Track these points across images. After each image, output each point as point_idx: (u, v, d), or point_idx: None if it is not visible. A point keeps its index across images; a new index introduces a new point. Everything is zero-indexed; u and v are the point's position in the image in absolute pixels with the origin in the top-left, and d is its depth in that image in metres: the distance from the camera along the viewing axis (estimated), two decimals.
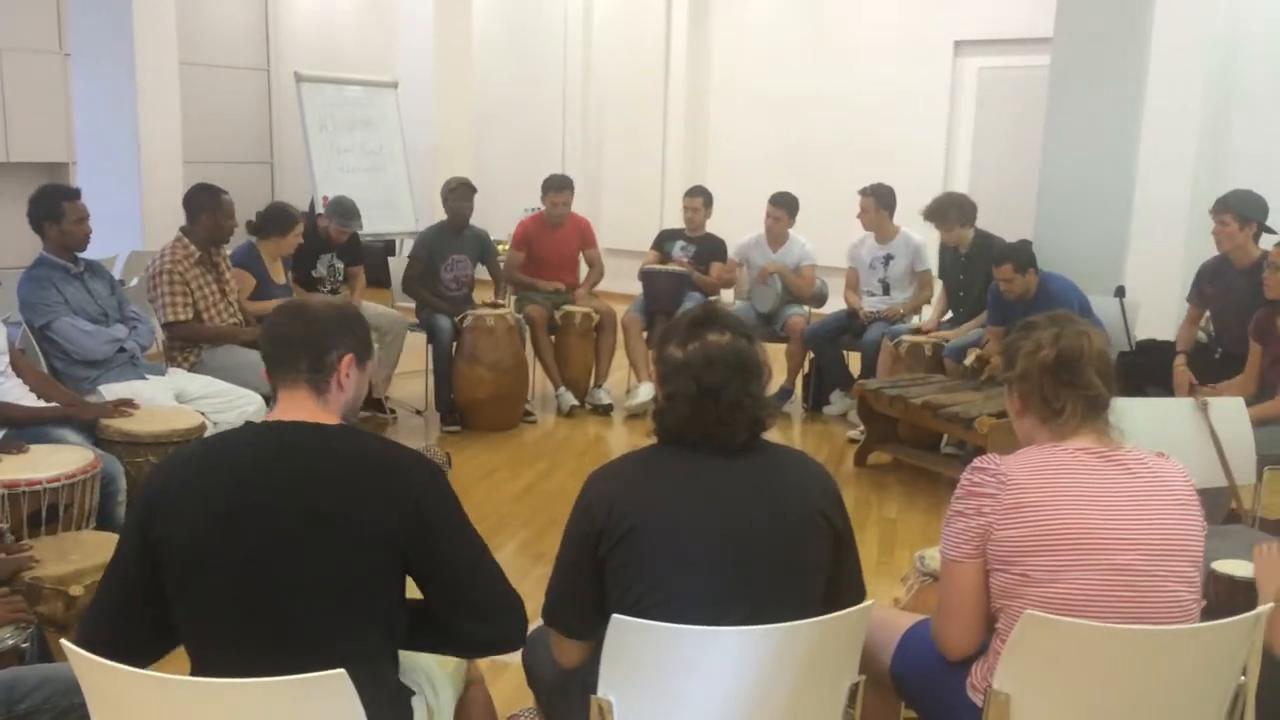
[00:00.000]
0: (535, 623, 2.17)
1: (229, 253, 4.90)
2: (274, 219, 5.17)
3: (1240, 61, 6.34)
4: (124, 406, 3.71)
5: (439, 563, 1.79)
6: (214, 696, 1.57)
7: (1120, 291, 5.18)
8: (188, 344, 4.54)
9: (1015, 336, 2.06)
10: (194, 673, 1.75)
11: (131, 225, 7.36)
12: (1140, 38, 5.50)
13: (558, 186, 6.22)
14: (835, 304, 6.40)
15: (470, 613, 1.84)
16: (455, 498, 1.85)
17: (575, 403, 6.18)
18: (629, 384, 6.47)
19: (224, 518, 1.71)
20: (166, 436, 3.59)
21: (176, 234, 4.58)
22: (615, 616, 1.69)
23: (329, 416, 1.85)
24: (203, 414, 3.91)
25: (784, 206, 6.28)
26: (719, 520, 1.84)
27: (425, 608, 1.84)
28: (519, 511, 4.64)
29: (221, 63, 10.69)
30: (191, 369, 4.46)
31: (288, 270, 5.33)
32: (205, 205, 4.56)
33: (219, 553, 1.70)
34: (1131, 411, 3.19)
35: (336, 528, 1.70)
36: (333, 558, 1.69)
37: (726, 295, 6.69)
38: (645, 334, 6.30)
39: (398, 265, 6.60)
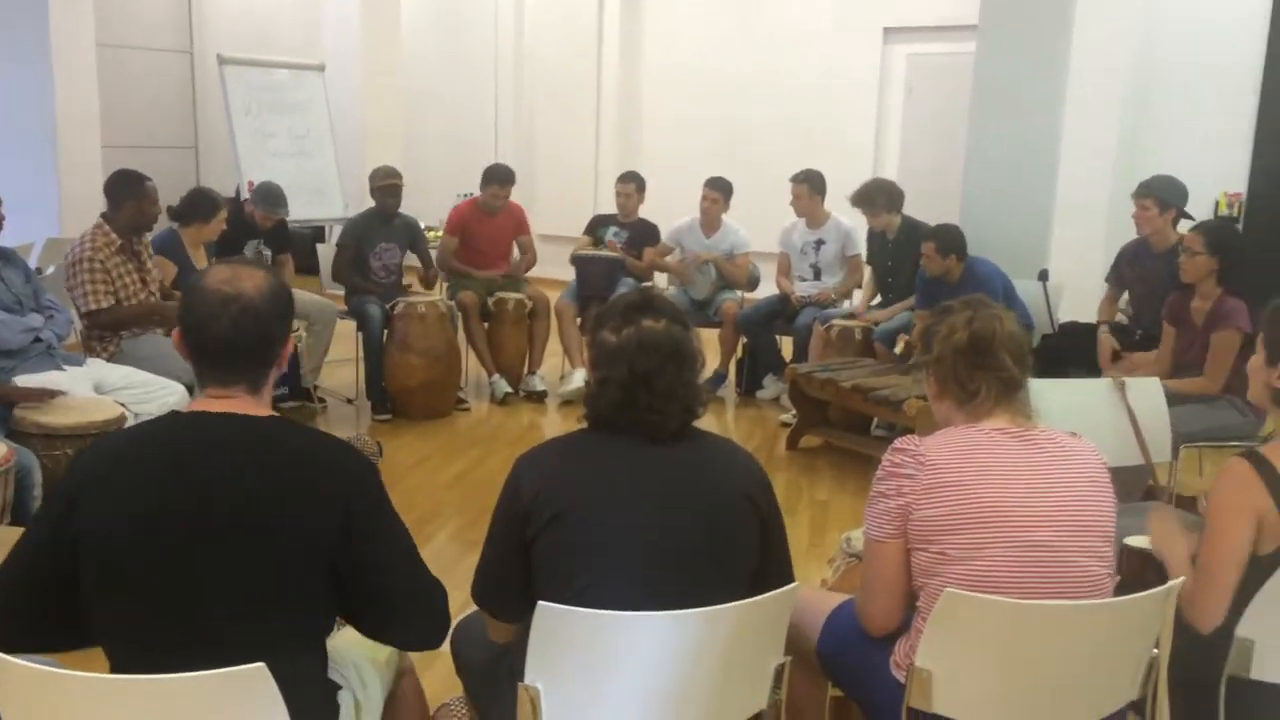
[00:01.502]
0: (466, 610, 2.16)
1: (149, 239, 4.78)
2: (197, 205, 5.06)
3: (1160, 50, 6.48)
4: (48, 396, 3.60)
5: (365, 564, 1.73)
6: (131, 693, 1.54)
7: (1043, 275, 5.28)
8: (110, 331, 4.42)
9: (932, 321, 2.12)
10: (112, 671, 1.71)
11: (48, 212, 7.15)
12: (1063, 25, 5.60)
13: (500, 180, 6.17)
14: (767, 289, 6.44)
15: (394, 612, 1.79)
16: (386, 497, 1.79)
17: (509, 390, 6.15)
18: (563, 370, 6.45)
19: (147, 513, 1.65)
20: (84, 428, 3.50)
21: (97, 220, 4.46)
22: (541, 604, 1.68)
23: (261, 407, 1.79)
24: (123, 405, 3.81)
25: (719, 189, 6.30)
26: (646, 506, 1.84)
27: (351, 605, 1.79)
28: (451, 499, 4.61)
29: (142, 45, 10.41)
30: (111, 359, 4.35)
31: (211, 257, 5.22)
32: (129, 192, 4.44)
33: (141, 548, 1.64)
34: (1051, 392, 3.26)
35: (263, 525, 1.65)
36: (258, 555, 1.65)
37: (660, 280, 6.69)
38: (579, 320, 6.29)
39: (327, 252, 6.50)
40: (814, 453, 5.37)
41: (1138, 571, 2.28)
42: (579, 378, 6.10)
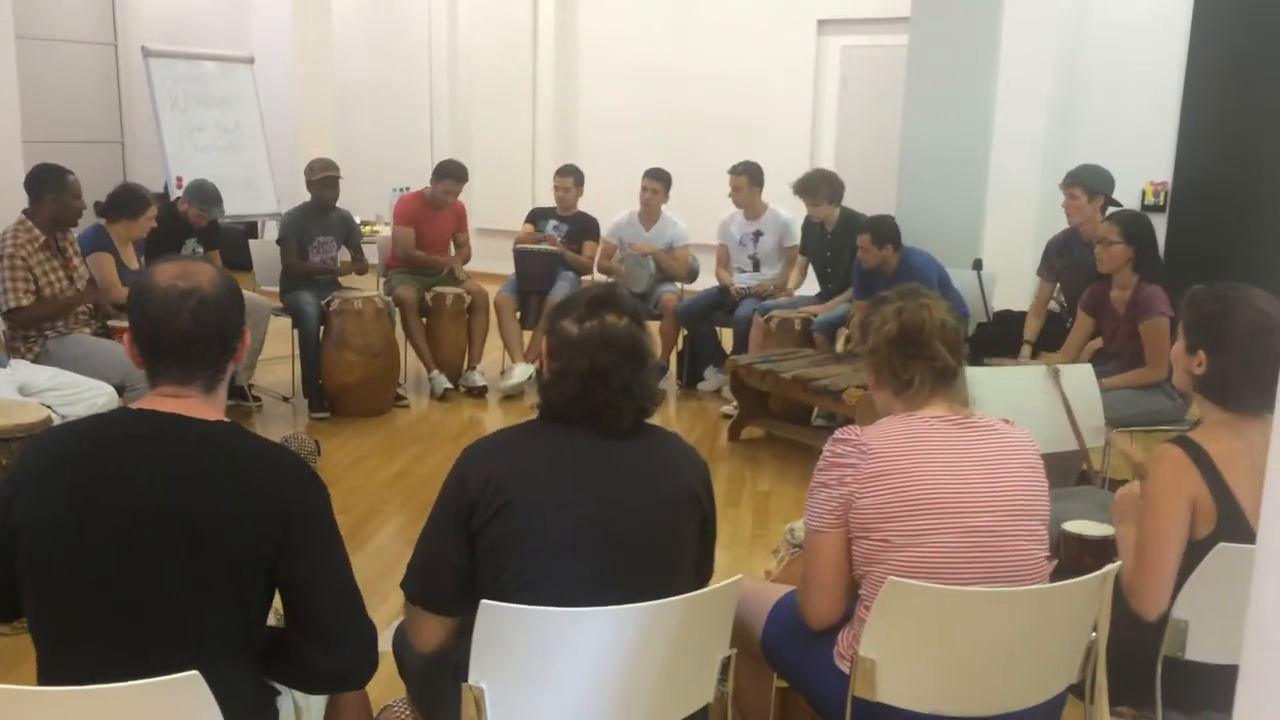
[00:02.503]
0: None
1: (75, 236, 4.65)
2: (124, 201, 4.93)
3: (1085, 42, 6.62)
4: None
5: (298, 582, 1.69)
6: (63, 705, 1.49)
7: (977, 264, 5.36)
8: (33, 329, 4.29)
9: (867, 313, 2.14)
10: (42, 678, 1.66)
11: None
12: (993, 19, 5.68)
13: (455, 176, 6.11)
14: (707, 280, 6.45)
15: (318, 638, 1.71)
16: (331, 518, 1.75)
17: (449, 385, 6.09)
18: (503, 365, 6.41)
19: (80, 509, 1.61)
20: (9, 432, 3.39)
21: (19, 217, 4.34)
22: (484, 602, 1.66)
23: (213, 409, 1.75)
24: (49, 407, 3.70)
25: (659, 180, 6.30)
26: (595, 500, 1.84)
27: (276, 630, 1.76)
28: (392, 498, 4.55)
29: (64, 37, 10.14)
30: (36, 360, 4.22)
31: (140, 256, 5.10)
32: (50, 186, 4.33)
33: (74, 546, 1.61)
34: (988, 380, 3.30)
35: (198, 531, 1.61)
36: (194, 561, 1.61)
37: (598, 276, 6.67)
38: (518, 314, 6.25)
39: (259, 247, 6.38)
40: (756, 444, 5.39)
41: (1075, 557, 2.32)
42: (519, 372, 6.07)
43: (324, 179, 5.82)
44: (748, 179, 6.06)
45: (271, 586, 1.69)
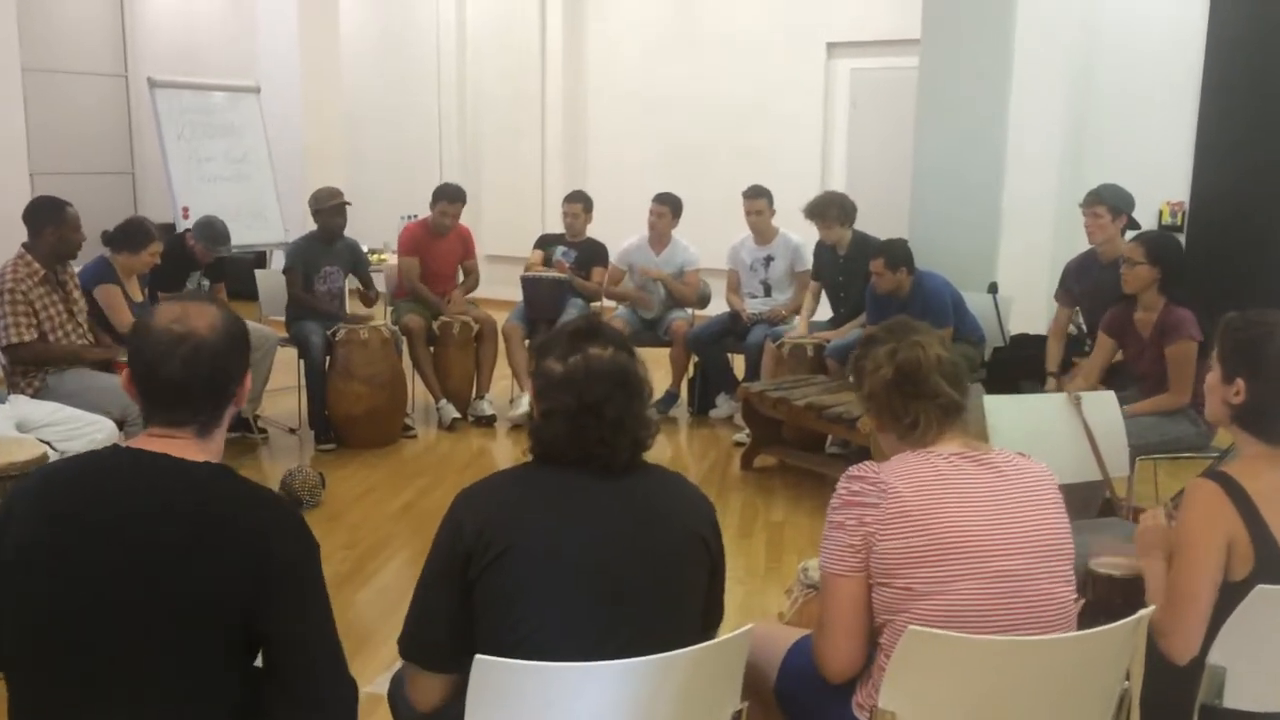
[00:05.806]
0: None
1: (78, 270, 4.61)
2: (129, 235, 4.87)
3: (1098, 62, 6.54)
4: None
5: (277, 634, 1.60)
6: None
7: (993, 288, 5.27)
8: (32, 367, 4.25)
9: (858, 354, 2.04)
10: None
11: None
12: (1004, 39, 5.62)
13: (451, 198, 6.06)
14: (718, 306, 6.38)
15: (297, 698, 1.63)
16: (316, 568, 1.66)
17: (457, 415, 6.02)
18: (512, 394, 6.34)
19: (57, 557, 1.54)
20: (3, 470, 3.32)
21: (19, 250, 4.29)
22: (479, 657, 1.57)
23: (204, 451, 1.68)
24: (47, 443, 3.64)
25: (668, 204, 6.24)
26: (595, 545, 1.74)
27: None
28: (399, 531, 4.47)
29: (73, 68, 10.19)
30: (35, 395, 4.16)
31: (144, 288, 5.05)
32: (49, 220, 4.28)
33: (49, 593, 1.54)
34: (1007, 409, 3.21)
35: (174, 578, 1.53)
36: (169, 609, 1.53)
37: (607, 301, 6.60)
38: (527, 342, 6.18)
39: (266, 277, 6.34)
40: (769, 472, 5.29)
41: (1104, 597, 2.22)
42: (529, 401, 5.97)
43: (334, 207, 5.75)
44: (765, 202, 6.00)
45: (253, 642, 1.61)
